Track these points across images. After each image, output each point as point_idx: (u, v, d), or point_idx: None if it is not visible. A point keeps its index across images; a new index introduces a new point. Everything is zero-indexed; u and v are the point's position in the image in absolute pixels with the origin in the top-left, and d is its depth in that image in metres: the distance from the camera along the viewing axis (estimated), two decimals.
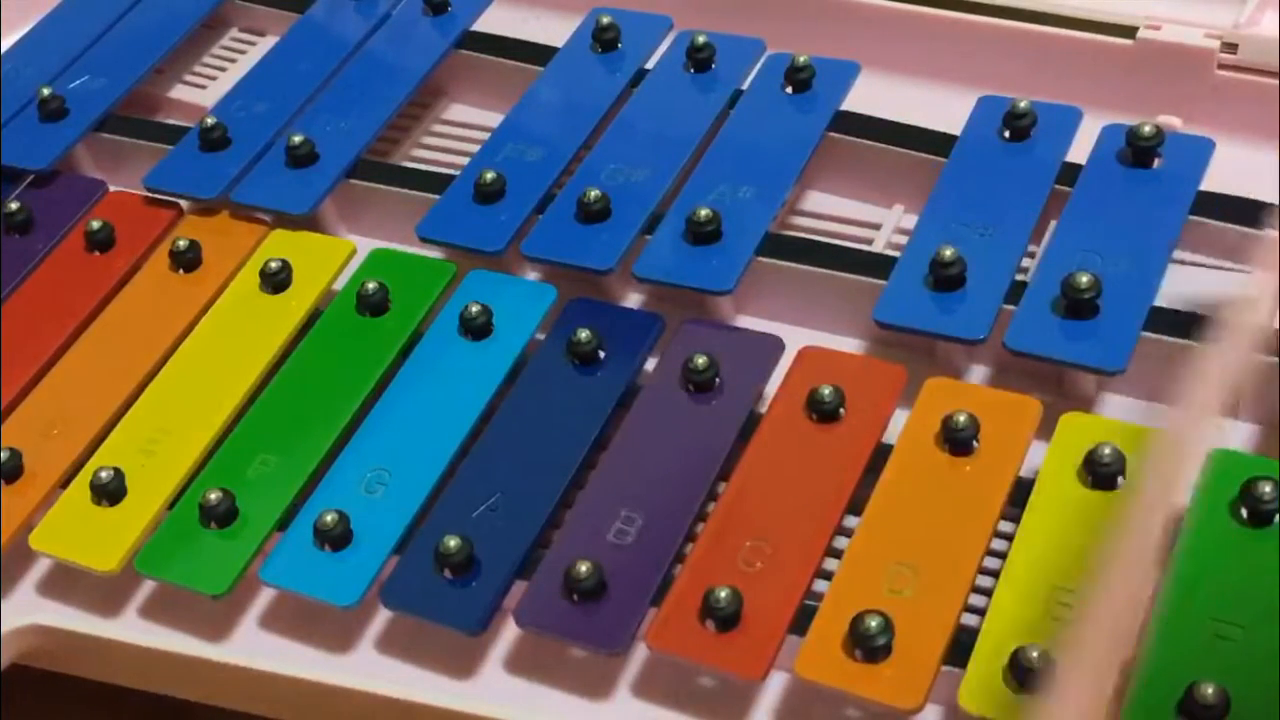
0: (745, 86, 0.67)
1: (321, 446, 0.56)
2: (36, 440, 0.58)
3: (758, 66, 0.67)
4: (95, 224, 0.65)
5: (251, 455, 0.56)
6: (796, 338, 0.58)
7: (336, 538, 0.52)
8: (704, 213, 0.59)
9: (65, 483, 0.57)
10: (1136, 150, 0.59)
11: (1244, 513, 0.48)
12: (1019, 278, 0.57)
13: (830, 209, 0.66)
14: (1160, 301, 0.55)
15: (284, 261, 0.62)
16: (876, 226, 0.65)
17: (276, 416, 0.58)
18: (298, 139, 0.66)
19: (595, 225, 0.61)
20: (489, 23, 0.73)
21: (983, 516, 0.50)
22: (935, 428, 0.52)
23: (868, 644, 0.47)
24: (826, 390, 0.53)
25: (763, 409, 0.55)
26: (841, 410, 0.54)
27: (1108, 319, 0.54)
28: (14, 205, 0.66)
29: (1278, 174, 0.61)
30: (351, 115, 0.68)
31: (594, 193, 0.61)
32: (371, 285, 0.60)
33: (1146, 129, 0.59)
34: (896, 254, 0.59)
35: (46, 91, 0.71)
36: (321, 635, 0.54)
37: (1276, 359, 0.53)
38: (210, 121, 0.67)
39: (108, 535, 0.55)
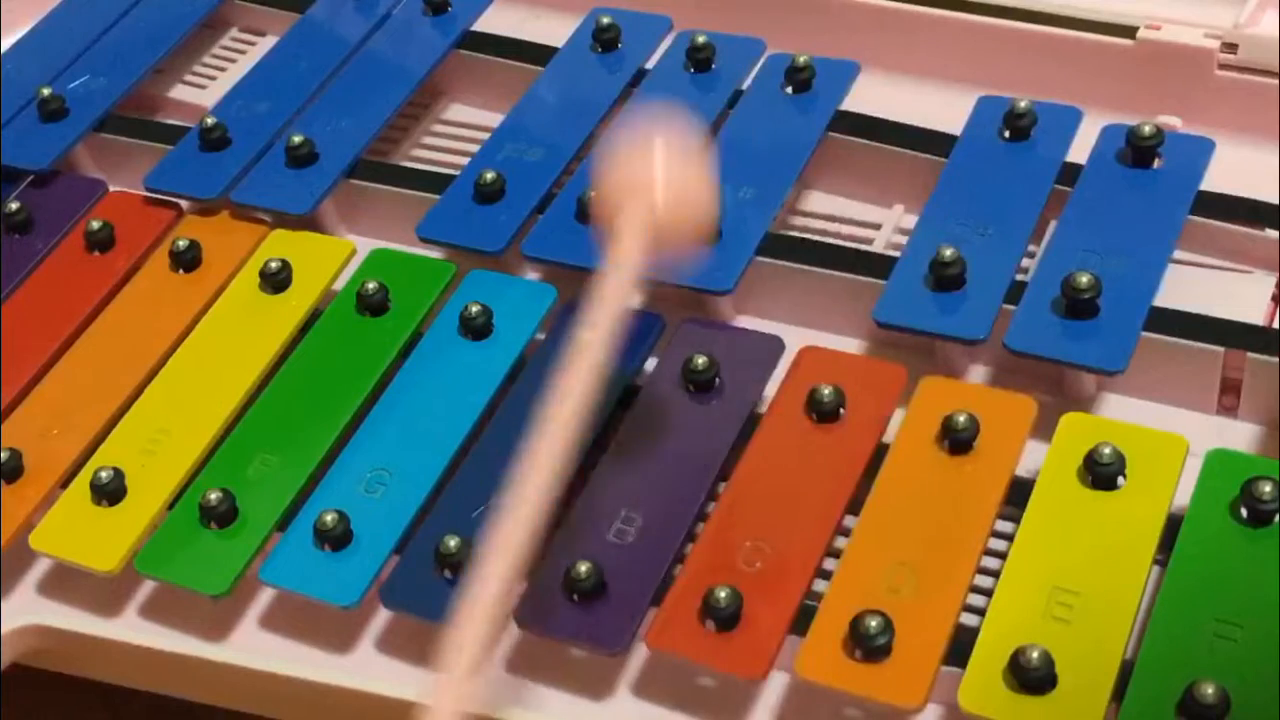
0: (745, 86, 0.67)
1: (321, 446, 0.56)
2: (36, 440, 0.58)
3: (758, 66, 0.67)
4: (95, 224, 0.65)
5: (251, 455, 0.56)
6: (796, 338, 0.58)
7: (336, 538, 0.52)
8: None
9: (65, 483, 0.57)
10: (1136, 150, 0.59)
11: (1244, 513, 0.48)
12: (1019, 278, 0.57)
13: (830, 209, 0.66)
14: (1160, 301, 0.55)
15: (284, 261, 0.62)
16: (876, 226, 0.65)
17: (276, 416, 0.58)
18: (298, 139, 0.66)
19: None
20: (489, 23, 0.73)
21: (981, 515, 0.50)
22: (933, 427, 0.52)
23: (868, 644, 0.47)
24: (826, 390, 0.53)
25: (763, 409, 0.55)
26: (841, 410, 0.54)
27: (1108, 319, 0.54)
28: (14, 205, 0.66)
29: (1278, 174, 0.61)
30: (351, 115, 0.68)
31: (594, 193, 0.61)
32: (371, 285, 0.60)
33: (1146, 129, 0.59)
34: (896, 254, 0.59)
35: (46, 91, 0.71)
36: (321, 635, 0.54)
37: (1276, 359, 0.53)
38: (210, 121, 0.67)
39: (108, 535, 0.55)
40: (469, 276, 0.61)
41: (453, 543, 0.51)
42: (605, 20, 0.69)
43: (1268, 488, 0.48)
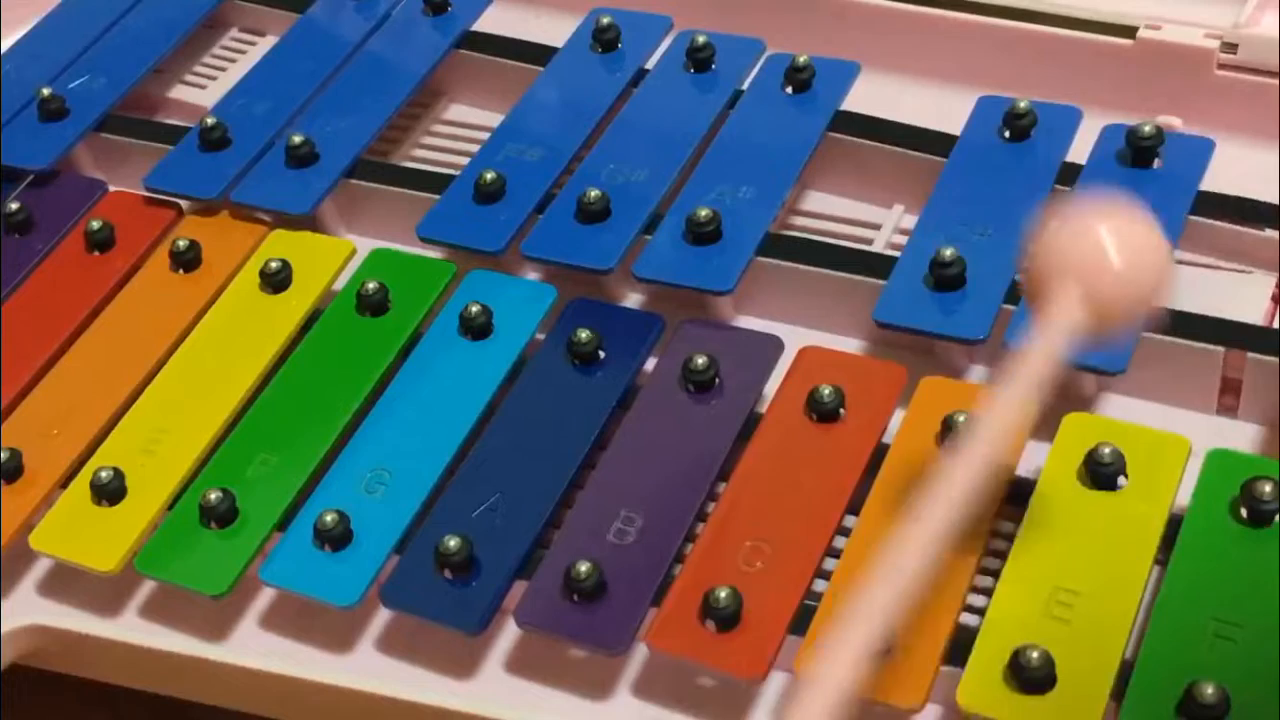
0: (745, 86, 0.67)
1: (321, 446, 0.56)
2: (36, 440, 0.58)
3: (758, 66, 0.67)
4: (95, 224, 0.65)
5: (251, 455, 0.56)
6: (796, 338, 0.58)
7: (336, 538, 0.52)
8: (704, 213, 0.59)
9: (65, 483, 0.57)
10: (1136, 150, 0.59)
11: (1244, 513, 0.48)
12: (1019, 278, 0.57)
13: (830, 209, 0.66)
14: None
15: (284, 261, 0.62)
16: (876, 226, 0.65)
17: (276, 416, 0.58)
18: (298, 139, 0.66)
19: (595, 225, 0.61)
20: (489, 23, 0.73)
21: (981, 515, 0.50)
22: (933, 427, 0.52)
23: None
24: (826, 390, 0.54)
25: (763, 409, 0.55)
26: (841, 410, 0.54)
27: None
28: (14, 205, 0.66)
29: (1278, 174, 0.61)
30: (351, 115, 0.68)
31: (594, 193, 0.61)
32: (371, 285, 0.60)
33: (1146, 129, 0.59)
34: (896, 254, 0.59)
35: (46, 91, 0.71)
36: (321, 635, 0.54)
37: (1276, 359, 0.53)
38: (210, 121, 0.67)
39: (108, 535, 0.55)
40: (469, 276, 0.61)
41: (453, 543, 0.51)
42: (605, 20, 0.69)
43: (1268, 488, 0.48)
